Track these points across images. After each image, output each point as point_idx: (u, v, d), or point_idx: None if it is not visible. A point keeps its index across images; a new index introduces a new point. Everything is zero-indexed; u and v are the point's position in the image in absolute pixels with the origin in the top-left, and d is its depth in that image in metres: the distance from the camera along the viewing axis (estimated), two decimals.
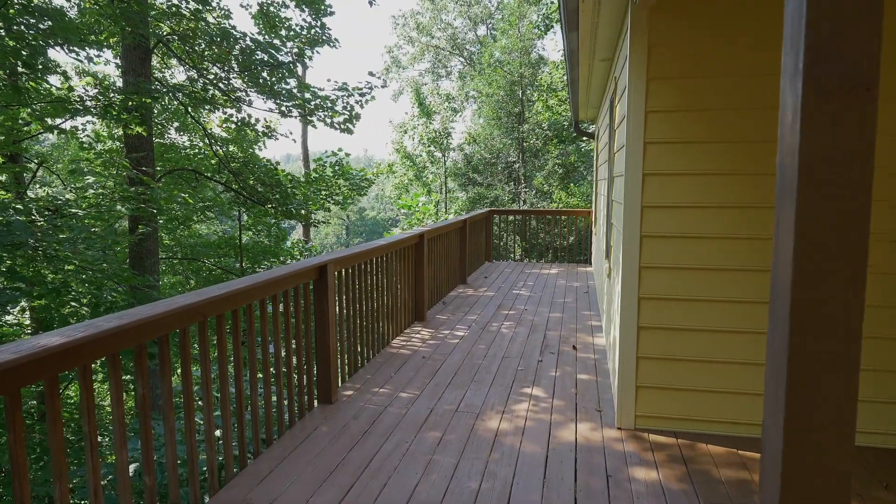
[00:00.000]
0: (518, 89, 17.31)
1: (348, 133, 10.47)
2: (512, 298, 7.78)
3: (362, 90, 10.06)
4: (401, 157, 19.45)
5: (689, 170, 3.42)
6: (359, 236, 62.41)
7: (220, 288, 2.92)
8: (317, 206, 11.80)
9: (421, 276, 6.40)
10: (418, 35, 34.07)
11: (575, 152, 18.31)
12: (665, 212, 3.47)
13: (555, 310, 7.09)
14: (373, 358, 5.12)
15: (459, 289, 8.47)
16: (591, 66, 6.12)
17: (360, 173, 13.60)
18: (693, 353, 3.51)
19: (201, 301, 2.68)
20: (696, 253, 3.46)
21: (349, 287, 4.55)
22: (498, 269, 10.37)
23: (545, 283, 9.02)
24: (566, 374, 4.72)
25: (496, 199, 17.39)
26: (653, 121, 3.43)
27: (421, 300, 6.45)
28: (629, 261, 3.53)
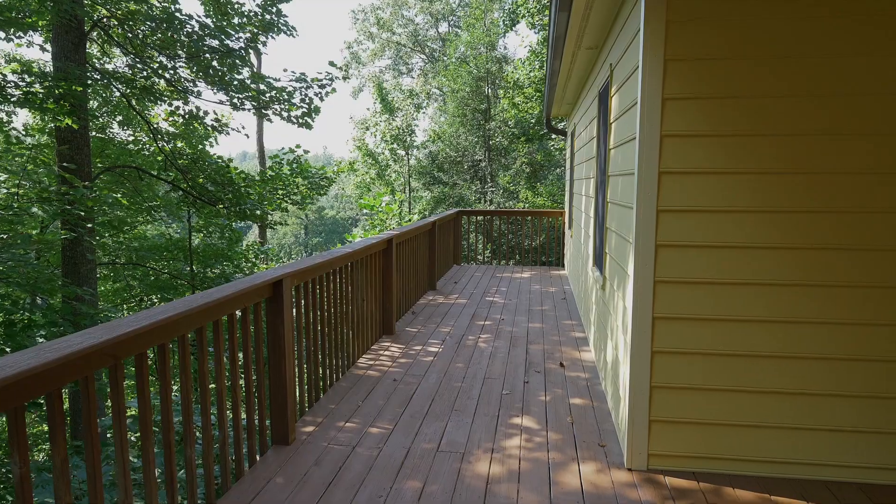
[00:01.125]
0: (484, 85, 16.81)
1: (307, 128, 9.74)
2: (486, 306, 7.23)
3: (322, 82, 9.35)
4: (362, 154, 18.70)
5: (716, 167, 2.91)
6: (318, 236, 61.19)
7: (139, 318, 2.26)
8: (273, 206, 11.02)
9: (389, 285, 5.78)
10: (378, 31, 33.34)
11: (541, 151, 17.93)
12: (685, 217, 2.96)
13: (534, 319, 6.57)
14: (337, 382, 4.48)
15: (429, 296, 7.87)
16: (575, 56, 5.61)
17: (320, 171, 12.85)
18: (718, 381, 3.01)
19: (111, 340, 2.02)
20: (722, 265, 2.95)
21: (309, 303, 3.91)
22: (468, 274, 9.82)
23: (519, 288, 8.51)
24: (558, 398, 4.18)
25: (462, 198, 16.86)
26: (671, 110, 2.91)
27: (389, 312, 5.83)
28: (642, 274, 3.00)
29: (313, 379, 4.00)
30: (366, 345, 5.27)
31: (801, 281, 2.90)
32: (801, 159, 2.85)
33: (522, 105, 16.96)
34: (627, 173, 3.34)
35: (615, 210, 3.86)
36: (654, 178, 2.95)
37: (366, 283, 5.21)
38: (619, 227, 3.63)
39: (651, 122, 2.93)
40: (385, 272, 5.77)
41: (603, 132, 4.75)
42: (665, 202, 2.96)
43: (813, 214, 2.87)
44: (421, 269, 7.66)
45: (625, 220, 3.41)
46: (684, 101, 2.90)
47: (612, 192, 4.06)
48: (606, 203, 4.30)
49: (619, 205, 3.68)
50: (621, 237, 3.54)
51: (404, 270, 6.60)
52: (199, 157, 10.45)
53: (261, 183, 10.77)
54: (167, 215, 13.88)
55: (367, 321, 5.30)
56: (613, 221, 3.93)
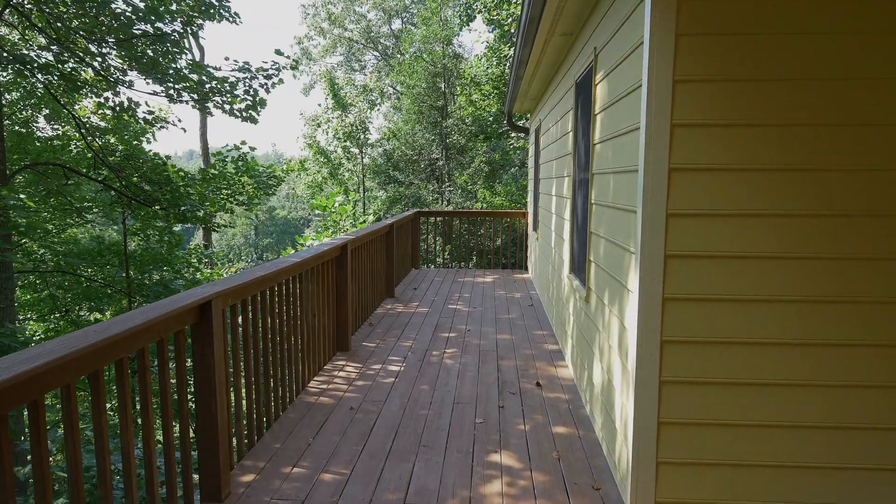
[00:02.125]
0: (440, 82, 16.27)
1: (252, 122, 8.99)
2: (450, 316, 6.70)
3: (268, 72, 8.63)
4: (313, 152, 17.87)
5: (739, 163, 2.45)
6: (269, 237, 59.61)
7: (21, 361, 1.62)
8: (215, 207, 10.19)
9: (344, 295, 5.18)
10: (330, 26, 32.44)
11: (499, 150, 17.53)
12: (701, 222, 2.49)
13: (502, 329, 6.07)
14: (284, 413, 3.86)
15: (387, 304, 7.29)
16: (548, 43, 5.13)
17: (268, 170, 12.06)
18: (740, 415, 2.55)
19: None
20: (746, 279, 2.49)
21: (248, 325, 3.29)
22: (427, 278, 9.27)
23: (483, 294, 8.01)
24: (538, 426, 3.67)
25: (418, 198, 16.29)
26: (684, 94, 2.43)
27: (344, 325, 5.23)
28: (648, 290, 2.52)
29: (254, 414, 3.38)
30: (318, 365, 4.66)
31: (846, 296, 2.47)
32: (848, 154, 2.42)
33: (480, 102, 16.51)
34: (625, 170, 2.86)
35: (605, 213, 3.37)
36: (663, 176, 2.47)
37: (317, 295, 4.60)
38: (612, 232, 3.15)
39: (659, 110, 2.44)
40: (339, 282, 5.16)
41: (583, 125, 4.28)
42: (676, 204, 2.48)
43: (863, 219, 2.44)
44: (378, 276, 7.07)
45: (621, 225, 2.93)
46: (699, 83, 2.43)
47: (598, 193, 3.58)
48: (590, 205, 3.82)
49: (611, 207, 3.19)
50: (616, 245, 3.05)
51: (360, 278, 6.00)
52: (132, 153, 9.54)
53: (202, 182, 9.93)
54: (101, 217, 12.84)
55: (320, 338, 4.68)
56: (602, 226, 3.45)
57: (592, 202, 3.77)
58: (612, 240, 3.15)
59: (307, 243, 13.85)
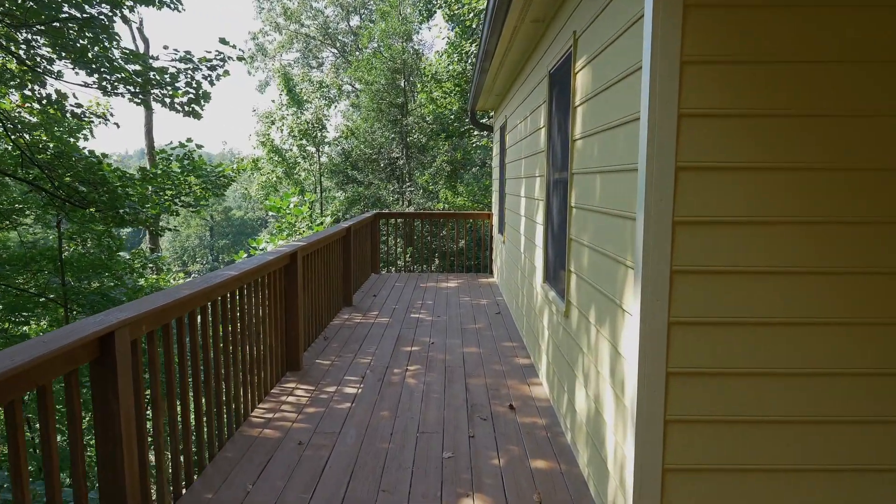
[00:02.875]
0: (400, 78, 15.75)
1: (194, 117, 8.32)
2: (412, 326, 6.22)
3: (212, 62, 7.97)
4: (267, 151, 17.10)
5: (761, 161, 2.06)
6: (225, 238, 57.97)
7: None
8: (157, 209, 9.44)
9: (294, 309, 4.65)
10: (286, 22, 31.54)
11: (460, 149, 17.12)
12: (715, 231, 2.08)
13: (468, 341, 5.62)
14: (220, 452, 3.32)
15: (344, 314, 6.76)
16: (517, 31, 4.71)
17: (217, 169, 11.34)
18: (763, 458, 2.16)
19: None
20: (770, 298, 2.10)
21: (173, 354, 2.75)
22: (388, 284, 8.77)
23: (447, 300, 7.56)
24: (514, 460, 3.24)
25: (378, 198, 15.73)
26: (694, 78, 2.03)
27: (294, 342, 4.69)
28: (651, 311, 2.10)
29: (181, 457, 2.84)
30: (264, 389, 4.12)
31: (887, 319, 2.10)
32: (890, 150, 2.05)
33: (441, 100, 16.07)
34: (618, 169, 2.44)
35: (589, 218, 2.96)
36: (668, 177, 2.06)
37: (262, 309, 4.07)
38: (600, 241, 2.73)
39: (664, 97, 2.03)
40: (288, 293, 4.63)
41: (560, 120, 3.86)
42: (685, 210, 2.07)
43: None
44: (334, 284, 6.54)
45: (613, 234, 2.51)
46: (713, 65, 2.03)
47: (580, 195, 3.17)
48: (569, 208, 3.41)
49: (598, 212, 2.77)
50: (605, 256, 2.63)
51: (314, 287, 5.47)
52: (64, 151, 8.73)
53: (141, 182, 9.18)
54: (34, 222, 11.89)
55: (266, 359, 4.15)
56: (585, 233, 3.03)
57: (572, 205, 3.35)
58: (599, 249, 2.73)
59: (261, 247, 13.16)
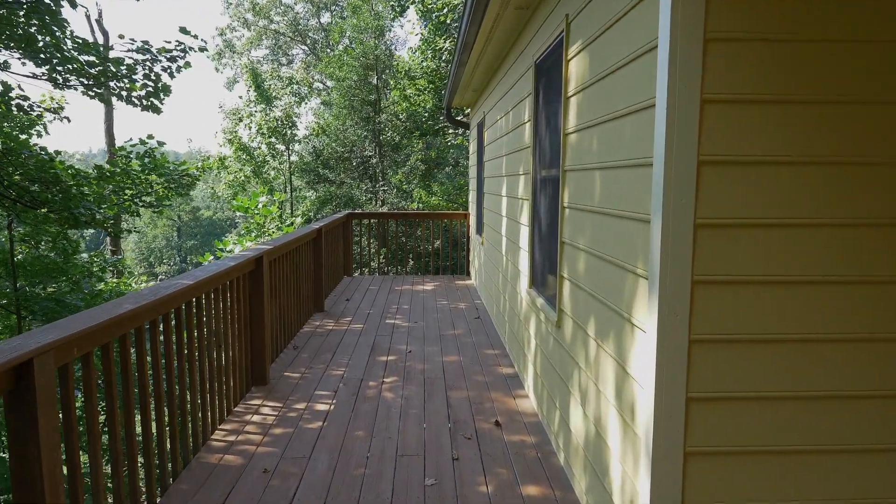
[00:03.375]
0: (373, 75, 15.35)
1: (154, 111, 7.85)
2: (387, 333, 5.89)
3: (172, 53, 7.51)
4: (234, 149, 16.53)
5: (796, 154, 1.79)
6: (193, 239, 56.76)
7: None
8: (114, 210, 8.90)
9: (260, 318, 4.28)
10: (255, 18, 30.85)
11: (434, 148, 16.81)
12: (742, 235, 1.81)
13: (448, 349, 5.32)
14: (175, 483, 2.95)
15: (315, 320, 6.39)
16: (499, 18, 4.41)
17: (180, 167, 10.82)
18: (797, 494, 1.89)
19: None
20: (805, 311, 1.83)
21: (114, 378, 2.38)
22: (361, 287, 8.41)
23: (423, 305, 7.24)
24: (504, 487, 2.94)
25: (351, 198, 15.32)
26: (719, 57, 1.75)
27: (260, 354, 4.33)
28: (668, 329, 1.82)
29: (123, 495, 2.47)
30: (226, 407, 3.75)
31: None
32: None
33: (415, 98, 15.73)
34: (625, 164, 2.15)
35: (587, 220, 2.67)
36: (688, 172, 1.78)
37: (224, 320, 3.70)
38: (601, 245, 2.45)
39: (685, 79, 1.75)
40: (254, 301, 4.26)
41: (548, 113, 3.57)
42: (709, 210, 1.79)
43: None
44: (305, 289, 6.17)
45: (618, 238, 2.23)
46: (740, 43, 1.75)
47: (575, 194, 2.88)
48: (561, 208, 3.12)
49: (598, 213, 2.49)
50: (608, 262, 2.35)
51: (282, 293, 5.10)
52: (12, 148, 8.16)
53: (97, 181, 8.65)
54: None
55: (228, 373, 3.78)
56: (581, 236, 2.75)
57: (565, 205, 3.06)
58: (600, 255, 2.44)
59: (228, 248, 12.66)
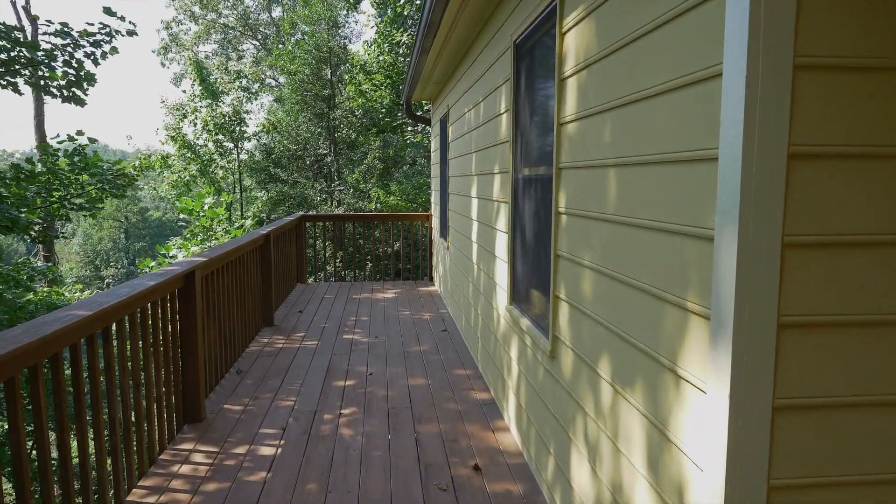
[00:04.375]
0: (326, 68, 14.58)
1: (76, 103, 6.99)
2: (345, 350, 5.26)
3: (96, 37, 6.67)
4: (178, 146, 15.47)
5: None
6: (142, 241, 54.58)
7: None
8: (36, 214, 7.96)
9: (192, 343, 3.61)
10: (202, 10, 29.58)
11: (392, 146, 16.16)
12: (851, 257, 1.29)
13: (414, 370, 4.73)
14: None
15: (264, 336, 5.70)
16: None
17: (114, 166, 9.90)
18: None
19: None
20: None
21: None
22: (316, 296, 7.73)
23: (384, 315, 6.63)
24: None
25: (305, 199, 14.52)
26: (818, 9, 1.22)
27: (193, 385, 3.65)
28: (744, 388, 1.29)
29: None
30: (149, 457, 3.07)
31: None
32: None
33: (371, 93, 15.05)
34: (666, 159, 1.61)
35: (596, 229, 2.13)
36: (776, 169, 1.24)
37: (145, 350, 3.02)
38: (626, 265, 1.90)
39: (772, 37, 1.21)
40: (184, 324, 3.58)
41: (537, 99, 3.02)
42: (801, 223, 1.26)
43: None
44: (251, 302, 5.48)
45: (656, 257, 1.68)
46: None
47: (574, 196, 2.33)
48: (556, 214, 2.57)
49: (618, 222, 1.94)
50: (639, 290, 1.80)
51: (223, 311, 4.42)
52: None
53: (16, 181, 7.71)
54: None
55: (153, 414, 3.10)
56: (587, 249, 2.20)
57: (561, 210, 2.52)
58: (620, 277, 1.90)
59: (171, 254, 11.74)
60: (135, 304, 2.86)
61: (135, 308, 2.89)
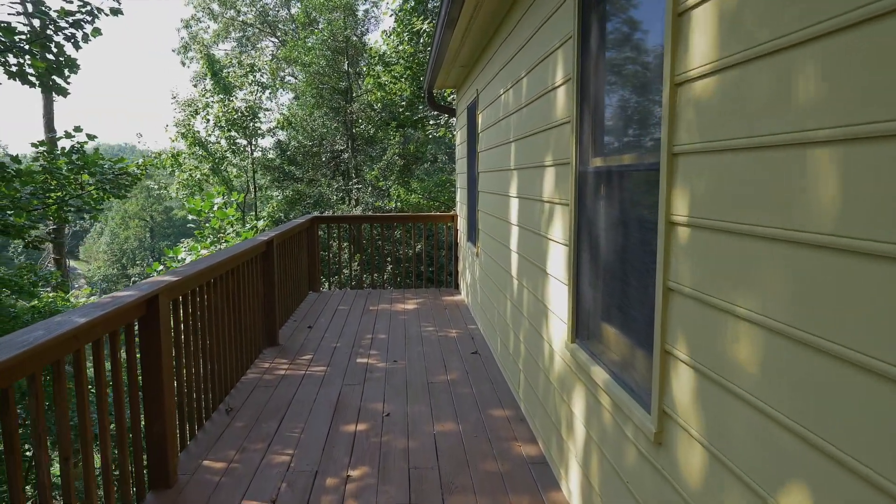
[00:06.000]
0: (343, 60, 13.76)
1: (59, 93, 6.25)
2: (358, 380, 4.41)
3: (76, 16, 5.92)
4: (189, 144, 14.79)
5: None
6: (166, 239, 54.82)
7: None
8: (24, 217, 7.24)
9: (156, 390, 2.78)
10: (221, 8, 29.08)
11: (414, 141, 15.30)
12: None
13: (440, 409, 3.86)
14: None
15: (265, 360, 4.88)
16: None
17: (116, 165, 9.20)
18: None
19: None
20: None
21: None
22: (329, 307, 6.90)
23: (405, 332, 5.77)
24: None
25: (321, 197, 13.75)
26: None
27: (159, 442, 2.83)
28: None
29: None
30: None
31: None
32: None
33: (390, 85, 14.19)
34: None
35: (786, 260, 1.22)
36: None
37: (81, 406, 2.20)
38: (851, 331, 1.00)
39: None
40: (147, 365, 2.76)
41: (621, 59, 2.12)
42: None
43: None
44: (249, 321, 4.66)
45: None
46: None
47: (718, 196, 1.44)
48: (667, 224, 1.67)
49: (857, 252, 1.04)
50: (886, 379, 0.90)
51: (210, 337, 3.60)
52: None
53: (2, 182, 7.00)
54: None
55: (91, 491, 2.28)
56: (753, 288, 1.30)
57: (679, 219, 1.62)
58: (834, 348, 1.00)
59: (180, 256, 11.04)
60: (49, 353, 2.02)
61: (52, 358, 2.06)
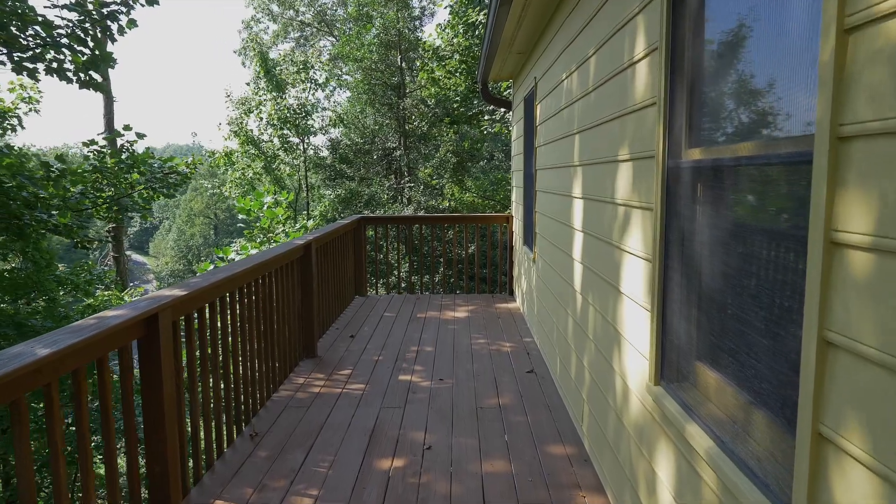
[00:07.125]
0: (395, 54, 13.40)
1: (95, 88, 6.06)
2: (399, 402, 3.94)
3: (111, 8, 5.70)
4: (241, 142, 14.78)
5: None
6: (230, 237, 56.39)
7: None
8: (67, 217, 7.13)
9: (157, 424, 2.39)
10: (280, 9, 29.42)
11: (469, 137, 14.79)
12: None
13: (490, 443, 3.34)
14: None
15: (300, 375, 4.49)
16: None
17: (166, 164, 9.11)
18: None
19: None
20: None
21: None
22: (374, 313, 6.49)
23: (454, 345, 5.28)
24: None
25: (373, 197, 13.45)
26: None
27: (161, 483, 2.43)
28: None
29: None
30: None
31: None
32: None
33: (444, 80, 13.73)
34: None
35: None
36: None
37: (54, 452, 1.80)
38: None
39: None
40: (147, 398, 2.37)
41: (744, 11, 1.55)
42: None
43: None
44: (283, 334, 4.27)
45: None
46: None
47: None
48: (831, 246, 1.10)
49: None
50: None
51: (234, 355, 3.21)
52: None
53: (45, 181, 6.92)
54: None
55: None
56: None
57: (852, 240, 1.05)
58: None
59: (229, 257, 10.92)
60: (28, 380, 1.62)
61: (25, 391, 1.67)
